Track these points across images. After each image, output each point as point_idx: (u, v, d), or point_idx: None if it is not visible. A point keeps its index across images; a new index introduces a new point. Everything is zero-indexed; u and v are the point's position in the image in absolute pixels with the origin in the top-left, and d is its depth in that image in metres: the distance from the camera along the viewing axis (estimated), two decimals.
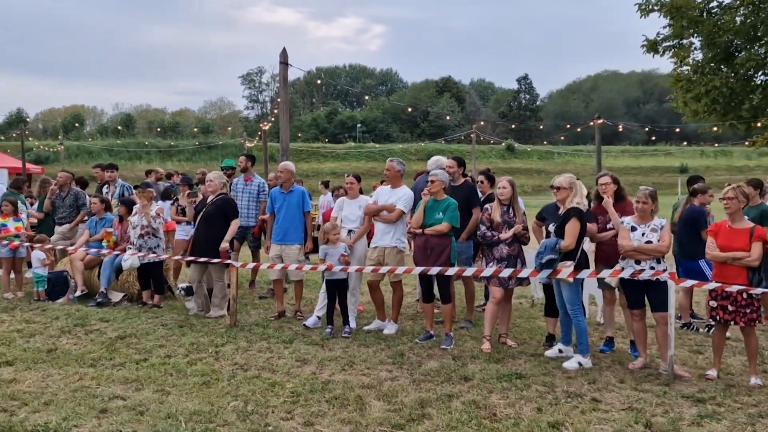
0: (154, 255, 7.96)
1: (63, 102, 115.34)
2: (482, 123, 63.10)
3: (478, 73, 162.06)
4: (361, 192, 7.41)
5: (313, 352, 6.07)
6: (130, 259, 7.97)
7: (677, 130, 36.47)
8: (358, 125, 72.84)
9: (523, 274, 5.91)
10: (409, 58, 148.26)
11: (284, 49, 10.26)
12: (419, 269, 6.10)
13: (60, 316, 7.40)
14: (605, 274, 5.57)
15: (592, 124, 21.77)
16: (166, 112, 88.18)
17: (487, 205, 6.47)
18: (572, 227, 5.54)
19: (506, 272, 5.90)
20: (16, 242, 8.52)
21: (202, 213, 7.61)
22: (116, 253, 8.23)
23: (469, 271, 6.10)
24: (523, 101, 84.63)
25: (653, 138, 67.42)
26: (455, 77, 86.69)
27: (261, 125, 25.63)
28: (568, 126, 44.77)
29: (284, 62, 10.25)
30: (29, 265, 10.16)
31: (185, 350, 6.08)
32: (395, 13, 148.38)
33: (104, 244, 8.44)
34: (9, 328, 6.84)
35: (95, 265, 8.58)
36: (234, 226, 7.59)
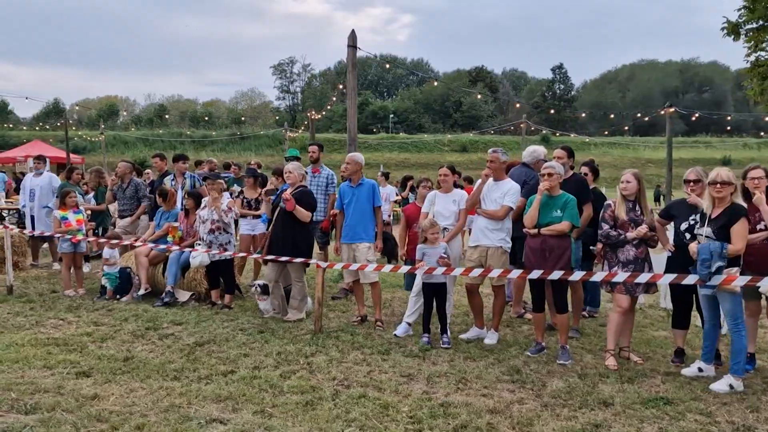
0: (226, 252, 7.38)
1: (97, 93, 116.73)
2: (553, 107, 60.87)
3: (511, 62, 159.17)
4: (455, 185, 6.70)
5: (416, 365, 5.41)
6: (200, 256, 7.41)
7: None
8: (390, 116, 72.02)
9: (664, 281, 5.15)
10: (439, 47, 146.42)
11: (353, 32, 9.58)
12: (537, 273, 5.38)
13: (128, 318, 6.87)
14: (766, 282, 4.79)
15: (663, 112, 20.60)
16: (197, 103, 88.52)
17: (609, 201, 5.71)
18: (742, 229, 4.77)
19: (643, 277, 5.16)
20: (79, 236, 8.01)
21: (279, 208, 6.99)
22: (187, 249, 7.65)
23: (599, 276, 5.35)
24: (558, 91, 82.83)
25: (729, 128, 64.57)
26: (487, 67, 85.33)
27: (309, 114, 24.87)
28: (638, 115, 43.10)
29: (353, 45, 9.57)
30: (86, 260, 9.73)
31: (273, 361, 5.47)
32: (424, 2, 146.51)
33: (169, 239, 7.89)
34: (78, 331, 6.32)
35: (159, 261, 8.05)
36: (308, 215, 6.93)
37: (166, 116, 62.55)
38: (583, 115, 54.32)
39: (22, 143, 35.91)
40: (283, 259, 6.70)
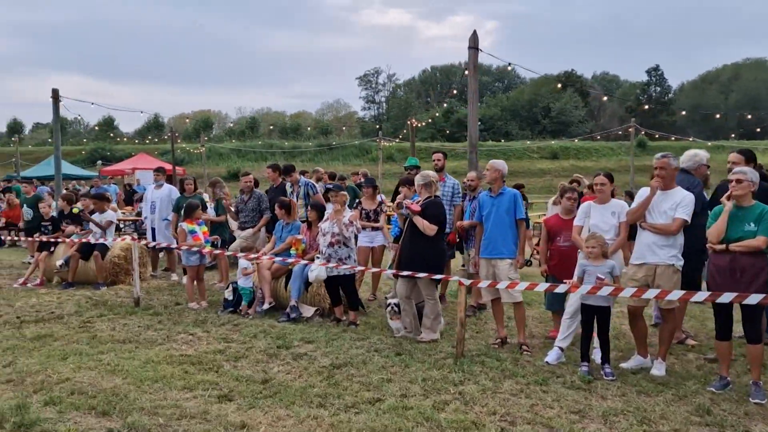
0: (345, 266, 7.00)
1: (191, 107, 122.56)
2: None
3: (601, 65, 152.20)
4: (612, 195, 6.01)
5: (583, 399, 4.77)
6: (317, 270, 7.08)
7: None
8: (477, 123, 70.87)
9: None
10: (524, 53, 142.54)
11: (474, 32, 9.09)
12: (730, 296, 4.61)
13: (257, 334, 6.63)
14: None
15: None
16: (285, 115, 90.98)
17: None
18: None
19: None
20: (208, 247, 7.92)
21: (408, 220, 6.55)
22: (304, 262, 7.38)
23: None
24: (654, 94, 78.69)
25: None
26: (576, 71, 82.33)
27: (409, 122, 24.54)
28: None
29: (474, 47, 9.06)
30: None
31: (420, 388, 4.99)
32: (508, 8, 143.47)
33: (293, 252, 7.63)
34: (209, 348, 6.12)
35: (281, 274, 7.82)
36: (432, 228, 6.41)
37: (270, 127, 64.88)
38: (717, 116, 50.64)
39: (128, 156, 37.92)
40: (421, 275, 6.23)
